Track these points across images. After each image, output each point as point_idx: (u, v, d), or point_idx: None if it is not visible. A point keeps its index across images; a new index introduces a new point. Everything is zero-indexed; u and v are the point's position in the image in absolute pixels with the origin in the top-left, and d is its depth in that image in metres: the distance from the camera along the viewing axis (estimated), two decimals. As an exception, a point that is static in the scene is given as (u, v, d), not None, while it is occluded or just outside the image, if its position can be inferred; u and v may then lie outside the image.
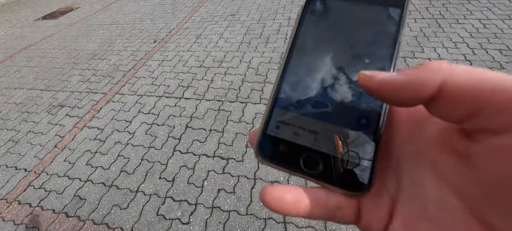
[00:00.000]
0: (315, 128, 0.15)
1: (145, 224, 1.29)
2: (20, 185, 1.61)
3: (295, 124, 0.16)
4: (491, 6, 2.72)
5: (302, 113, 0.16)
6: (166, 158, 1.63)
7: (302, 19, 0.18)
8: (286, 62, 0.17)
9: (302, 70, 0.17)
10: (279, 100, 0.16)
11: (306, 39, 0.17)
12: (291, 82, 0.17)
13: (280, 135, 0.16)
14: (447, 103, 0.11)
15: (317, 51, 0.17)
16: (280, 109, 0.16)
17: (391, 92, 0.12)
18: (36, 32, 4.20)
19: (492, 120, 0.10)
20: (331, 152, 0.15)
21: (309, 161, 0.15)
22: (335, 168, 0.15)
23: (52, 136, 1.95)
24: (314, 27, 0.18)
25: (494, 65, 1.95)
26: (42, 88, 2.60)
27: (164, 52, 2.87)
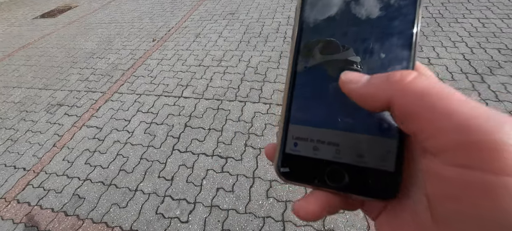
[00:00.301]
0: (335, 139, 0.15)
1: (144, 222, 1.30)
2: (19, 184, 1.61)
3: (314, 138, 0.15)
4: (491, 5, 2.72)
5: (319, 125, 0.15)
6: (165, 157, 1.63)
7: (302, 18, 0.16)
8: (293, 71, 0.16)
9: (312, 78, 0.16)
10: (293, 116, 0.15)
11: (311, 42, 0.16)
12: (303, 93, 0.16)
13: (300, 152, 0.15)
14: (397, 117, 0.13)
15: (326, 54, 0.15)
16: (295, 125, 0.15)
17: (357, 100, 0.14)
18: (35, 30, 4.18)
19: (427, 141, 0.11)
20: (356, 162, 0.14)
21: (334, 174, 0.14)
22: (363, 178, 0.14)
23: (51, 135, 1.95)
24: (317, 25, 0.16)
25: (492, 64, 1.95)
26: (41, 87, 2.59)
27: (163, 51, 2.86)
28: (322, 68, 0.15)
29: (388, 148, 0.14)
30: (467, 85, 1.81)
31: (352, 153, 0.14)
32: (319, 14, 0.16)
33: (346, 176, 0.14)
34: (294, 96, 0.16)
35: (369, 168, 0.14)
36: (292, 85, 0.16)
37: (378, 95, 0.13)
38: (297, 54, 0.16)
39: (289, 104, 0.16)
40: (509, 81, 1.79)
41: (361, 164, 0.14)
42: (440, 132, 0.10)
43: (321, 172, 0.14)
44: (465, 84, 1.82)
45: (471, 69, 1.95)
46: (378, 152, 0.14)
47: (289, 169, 0.15)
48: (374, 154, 0.14)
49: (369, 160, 0.14)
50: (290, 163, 0.15)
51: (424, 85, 0.11)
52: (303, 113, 0.15)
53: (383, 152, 0.14)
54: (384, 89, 0.12)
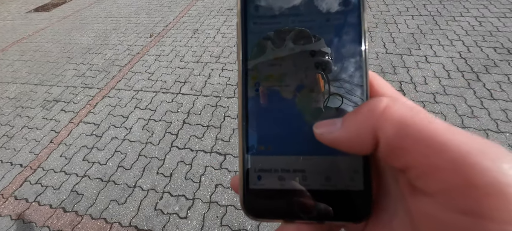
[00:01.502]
0: (300, 165, 0.14)
1: (143, 218, 1.31)
2: (16, 181, 1.61)
3: (277, 168, 0.14)
4: (488, 4, 2.74)
5: (281, 153, 0.14)
6: (164, 153, 1.63)
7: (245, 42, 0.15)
8: (244, 97, 0.14)
9: (266, 104, 0.14)
10: (251, 147, 0.14)
11: (259, 66, 0.14)
12: (258, 122, 0.14)
13: (265, 186, 0.14)
14: (384, 153, 0.11)
15: (277, 78, 0.14)
16: (256, 157, 0.14)
17: (343, 148, 0.12)
18: (28, 25, 4.10)
19: (418, 180, 0.10)
20: (325, 186, 0.13)
21: (304, 203, 0.14)
22: (334, 202, 0.13)
23: (47, 131, 1.94)
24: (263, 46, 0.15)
25: (488, 63, 1.98)
26: (36, 83, 2.56)
27: (160, 46, 2.84)
28: (275, 90, 0.14)
29: (354, 167, 0.13)
30: (463, 84, 1.84)
31: (320, 177, 0.14)
32: (263, 29, 0.15)
33: (317, 203, 0.13)
34: (249, 125, 0.14)
35: (338, 190, 0.13)
36: (245, 113, 0.14)
37: (362, 135, 0.11)
38: (246, 78, 0.15)
39: (246, 135, 0.14)
40: (504, 79, 1.82)
41: (329, 187, 0.13)
42: (435, 170, 0.09)
43: (290, 203, 0.14)
44: (461, 83, 1.85)
45: (467, 68, 1.97)
46: (345, 172, 0.13)
47: (256, 204, 0.14)
48: (341, 174, 0.13)
49: (337, 182, 0.13)
50: (256, 198, 0.14)
51: (401, 112, 0.11)
52: (263, 144, 0.14)
53: (350, 171, 0.13)
54: (364, 126, 0.11)
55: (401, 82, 1.93)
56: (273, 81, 0.14)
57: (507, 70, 1.89)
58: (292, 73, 0.14)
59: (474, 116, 1.59)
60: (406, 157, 0.10)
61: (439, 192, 0.09)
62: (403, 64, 2.10)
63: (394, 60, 2.15)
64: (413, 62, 2.10)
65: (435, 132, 0.10)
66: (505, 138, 1.44)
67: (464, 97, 1.73)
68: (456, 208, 0.09)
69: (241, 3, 0.15)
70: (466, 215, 0.09)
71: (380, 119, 0.11)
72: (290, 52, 0.14)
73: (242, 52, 0.15)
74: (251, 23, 0.15)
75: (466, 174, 0.09)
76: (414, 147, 0.10)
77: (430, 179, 0.10)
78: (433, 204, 0.10)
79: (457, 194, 0.09)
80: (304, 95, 0.14)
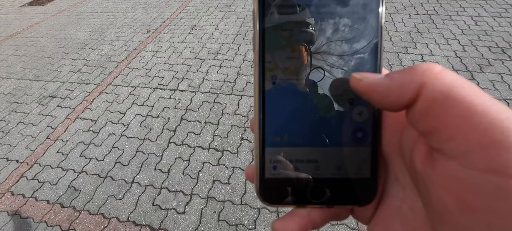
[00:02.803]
0: (313, 156, 0.15)
1: (141, 214, 1.32)
2: (12, 176, 1.60)
3: (292, 159, 0.15)
4: (484, 3, 2.77)
5: (297, 145, 0.15)
6: (161, 149, 1.64)
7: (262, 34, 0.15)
8: (261, 92, 0.15)
9: (282, 97, 0.15)
10: (268, 138, 0.15)
11: (276, 59, 0.15)
12: (275, 114, 0.15)
13: (281, 175, 0.15)
14: (420, 110, 0.11)
15: (293, 70, 0.15)
16: (272, 148, 0.15)
17: (377, 96, 0.13)
18: (23, 19, 4.02)
19: (446, 142, 0.10)
20: (336, 175, 0.15)
21: (316, 190, 0.15)
22: (343, 189, 0.15)
23: (43, 127, 1.92)
24: (279, 39, 0.15)
25: (482, 62, 2.01)
26: (31, 78, 2.53)
27: (158, 42, 2.81)
28: (292, 82, 0.15)
29: (363, 157, 0.14)
30: (457, 82, 1.87)
31: (331, 167, 0.15)
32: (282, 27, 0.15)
33: (328, 190, 0.15)
34: (266, 119, 0.15)
35: (348, 178, 0.15)
36: (262, 107, 0.15)
37: (407, 86, 0.11)
38: (263, 74, 0.15)
39: (263, 127, 0.15)
40: (497, 78, 1.85)
41: (340, 175, 0.15)
42: (471, 130, 0.09)
43: (303, 190, 0.15)
44: (456, 81, 1.88)
45: (462, 67, 2.00)
46: (354, 161, 0.14)
47: (272, 192, 0.15)
48: (351, 164, 0.14)
49: (347, 170, 0.15)
50: (271, 187, 0.15)
51: (453, 78, 0.11)
52: (279, 135, 0.15)
53: (359, 160, 0.14)
54: (413, 79, 0.11)
55: (397, 80, 1.95)
56: (289, 74, 0.15)
57: (500, 69, 1.93)
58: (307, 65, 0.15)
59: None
60: (443, 116, 0.10)
61: (468, 152, 0.10)
62: (399, 63, 2.12)
63: (391, 59, 2.17)
64: (409, 61, 2.13)
65: (479, 99, 0.10)
66: (496, 135, 1.48)
67: (458, 95, 1.76)
68: (484, 166, 0.09)
69: None
70: (490, 173, 0.09)
71: (434, 77, 0.11)
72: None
73: (259, 43, 0.15)
74: (269, 13, 0.15)
75: (493, 135, 0.09)
76: (456, 107, 0.10)
77: (463, 139, 0.10)
78: (459, 166, 0.10)
79: (487, 153, 0.09)
80: (319, 88, 0.15)
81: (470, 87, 0.10)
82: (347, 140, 0.14)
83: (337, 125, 0.15)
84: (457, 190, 0.10)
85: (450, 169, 0.10)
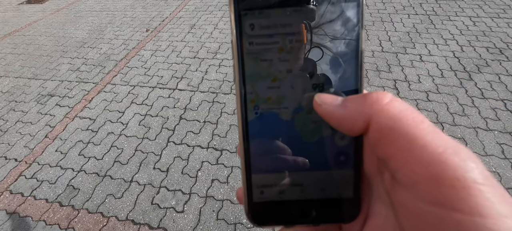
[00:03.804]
0: (298, 180, 0.15)
1: (140, 212, 1.32)
2: (11, 175, 1.60)
3: (278, 183, 0.15)
4: (482, 4, 2.78)
5: (282, 170, 0.15)
6: (160, 148, 1.64)
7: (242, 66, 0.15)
8: (245, 122, 0.15)
9: (265, 126, 0.15)
10: (253, 166, 0.16)
11: (258, 89, 0.15)
12: (259, 141, 0.15)
13: (268, 199, 0.16)
14: (371, 139, 0.12)
15: (275, 100, 0.15)
16: (258, 175, 0.16)
17: (334, 122, 0.14)
18: (21, 17, 4.00)
19: (397, 171, 0.11)
20: (320, 196, 0.15)
21: (302, 211, 0.15)
22: (328, 208, 0.15)
23: (42, 126, 1.92)
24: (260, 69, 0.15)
25: (480, 62, 2.02)
26: (30, 77, 2.52)
27: (157, 41, 2.81)
28: (274, 112, 0.15)
29: (346, 178, 0.15)
30: (455, 83, 1.88)
31: (315, 189, 0.15)
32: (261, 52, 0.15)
33: (314, 210, 0.15)
34: (251, 146, 0.15)
35: (332, 198, 0.15)
36: (246, 135, 0.15)
37: (357, 117, 0.12)
38: (245, 104, 0.15)
39: (247, 155, 0.16)
40: (495, 79, 1.86)
41: (324, 196, 0.15)
42: (412, 163, 0.10)
43: (289, 212, 0.15)
44: (454, 82, 1.89)
45: (460, 67, 2.01)
46: (338, 183, 0.15)
47: (260, 214, 0.16)
48: (335, 185, 0.15)
49: (331, 192, 0.15)
50: (259, 209, 0.16)
51: (400, 109, 0.12)
52: (263, 162, 0.15)
53: (342, 182, 0.15)
54: (363, 110, 0.12)
55: (395, 80, 1.96)
56: (271, 104, 0.15)
57: (498, 70, 1.94)
58: (290, 95, 0.15)
59: (465, 114, 1.64)
60: (391, 147, 0.11)
61: (414, 184, 0.10)
62: (398, 63, 2.13)
63: (389, 59, 2.18)
64: (408, 61, 2.13)
65: (421, 131, 0.11)
66: (493, 135, 1.49)
67: (456, 96, 1.77)
68: (427, 199, 0.10)
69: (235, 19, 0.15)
70: (436, 206, 0.10)
71: (380, 110, 0.12)
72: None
73: (240, 74, 0.15)
74: (247, 42, 0.15)
75: (438, 169, 0.10)
76: (401, 140, 0.11)
77: (408, 171, 0.11)
78: (409, 195, 0.11)
79: (429, 186, 0.10)
80: (302, 116, 0.15)
81: (413, 120, 0.11)
82: (330, 164, 0.15)
83: (320, 150, 0.15)
84: (410, 219, 0.11)
85: (403, 198, 0.11)
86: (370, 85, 1.94)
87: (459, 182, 0.09)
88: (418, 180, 0.10)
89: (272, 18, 0.15)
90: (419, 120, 0.11)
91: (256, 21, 0.15)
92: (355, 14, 0.14)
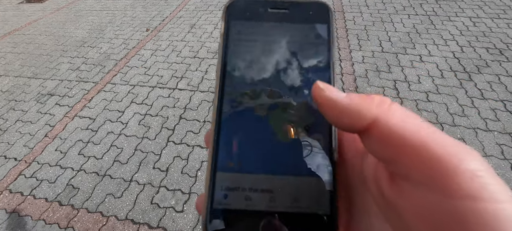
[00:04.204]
0: (268, 185, 0.14)
1: (139, 212, 1.32)
2: (10, 174, 1.60)
3: (245, 187, 0.14)
4: (482, 4, 2.78)
5: (250, 171, 0.14)
6: (160, 148, 1.64)
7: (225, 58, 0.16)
8: (219, 113, 0.15)
9: (240, 120, 0.15)
10: (221, 162, 0.14)
11: (235, 82, 0.15)
12: (230, 137, 0.14)
13: (231, 206, 0.13)
14: (376, 140, 0.12)
15: (252, 96, 0.15)
16: (224, 173, 0.14)
17: (334, 112, 0.13)
18: (21, 16, 4.00)
19: (409, 171, 0.11)
20: (292, 209, 0.13)
21: (270, 226, 0.13)
22: (299, 225, 0.13)
23: (42, 125, 1.92)
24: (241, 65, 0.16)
25: (480, 63, 2.02)
26: (30, 76, 2.52)
27: (157, 41, 2.81)
28: (251, 108, 0.15)
29: (321, 190, 0.13)
30: (455, 83, 1.88)
31: (287, 199, 0.13)
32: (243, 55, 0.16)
33: (282, 225, 0.13)
34: (221, 140, 0.14)
35: (304, 213, 0.13)
36: (218, 128, 0.14)
37: (363, 113, 0.12)
38: (222, 94, 0.15)
39: (216, 149, 0.14)
40: (495, 80, 1.86)
41: (296, 210, 0.13)
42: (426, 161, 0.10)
43: (255, 225, 0.13)
44: (453, 82, 1.89)
45: (460, 67, 2.01)
46: (312, 194, 0.13)
47: (220, 226, 0.13)
48: (309, 197, 0.13)
49: (304, 204, 0.13)
50: (221, 219, 0.13)
51: (403, 113, 0.12)
52: (232, 159, 0.14)
53: (317, 194, 0.13)
54: (369, 108, 0.12)
55: (395, 80, 1.96)
56: (247, 98, 0.15)
57: (498, 70, 1.94)
58: (266, 92, 0.15)
59: (464, 114, 1.64)
60: (400, 148, 0.11)
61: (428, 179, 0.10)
62: (398, 63, 2.13)
63: (389, 59, 2.18)
64: (408, 61, 2.14)
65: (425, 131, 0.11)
66: (493, 136, 1.49)
67: (455, 96, 1.77)
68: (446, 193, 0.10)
69: None
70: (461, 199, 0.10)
71: (387, 111, 0.12)
72: None
73: (221, 66, 0.16)
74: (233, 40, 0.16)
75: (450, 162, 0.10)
76: (409, 140, 0.11)
77: (420, 168, 0.11)
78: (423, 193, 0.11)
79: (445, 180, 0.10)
80: (277, 114, 0.15)
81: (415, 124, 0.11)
82: (305, 170, 0.14)
83: (294, 152, 0.14)
84: (431, 218, 0.10)
85: (414, 197, 0.11)
86: (370, 86, 1.94)
87: (471, 172, 0.10)
88: (432, 175, 0.10)
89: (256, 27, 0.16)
90: (421, 122, 0.12)
91: (242, 27, 0.16)
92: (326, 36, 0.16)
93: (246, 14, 0.16)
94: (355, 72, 2.08)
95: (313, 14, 0.16)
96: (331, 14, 0.16)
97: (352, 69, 2.11)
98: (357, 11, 2.95)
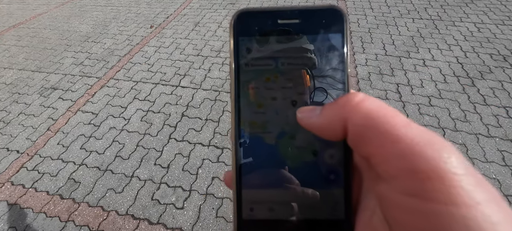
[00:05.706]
0: (289, 198, 0.15)
1: (140, 207, 1.33)
2: (13, 166, 1.61)
3: (268, 200, 0.15)
4: (487, 10, 2.77)
5: (272, 187, 0.15)
6: (162, 145, 1.65)
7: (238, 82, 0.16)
8: (238, 135, 0.16)
9: (258, 141, 0.16)
10: (245, 181, 0.16)
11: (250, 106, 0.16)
12: (251, 156, 0.16)
13: (257, 216, 0.15)
14: (351, 140, 0.13)
15: (266, 114, 0.16)
16: (248, 190, 0.16)
17: (316, 132, 0.14)
18: (25, 10, 4.01)
19: (377, 166, 0.11)
20: (310, 216, 0.15)
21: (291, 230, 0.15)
22: (318, 228, 0.15)
23: (44, 119, 1.93)
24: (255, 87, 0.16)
25: (483, 69, 2.01)
26: (33, 70, 2.53)
27: (161, 38, 2.82)
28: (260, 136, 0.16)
29: (336, 199, 0.15)
30: (458, 88, 1.87)
31: (306, 209, 0.15)
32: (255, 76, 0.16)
33: (303, 229, 0.15)
34: (243, 160, 0.16)
35: (323, 219, 0.15)
36: (238, 149, 0.16)
37: (334, 122, 0.13)
38: (239, 117, 0.16)
39: (239, 169, 0.16)
40: (498, 86, 1.86)
41: (315, 217, 0.15)
42: (389, 158, 0.11)
43: (279, 230, 0.15)
44: (456, 87, 1.88)
45: (463, 73, 2.01)
46: (328, 203, 0.15)
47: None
48: (325, 206, 0.15)
49: (322, 212, 0.15)
50: (248, 228, 0.16)
51: (370, 107, 0.12)
52: (255, 177, 0.16)
53: (333, 203, 0.15)
54: (338, 114, 0.13)
55: (398, 84, 1.96)
56: (257, 128, 0.16)
57: (501, 77, 1.93)
58: (277, 121, 0.16)
59: (467, 120, 1.63)
60: (369, 145, 0.11)
61: (392, 177, 0.11)
62: (401, 67, 2.13)
63: (392, 62, 2.18)
64: (411, 65, 2.13)
65: (394, 125, 0.11)
66: (495, 142, 1.49)
67: (458, 101, 1.77)
68: (405, 191, 0.10)
69: None
70: (413, 197, 0.10)
71: (351, 111, 0.12)
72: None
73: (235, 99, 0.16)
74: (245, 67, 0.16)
75: (413, 161, 0.10)
76: (376, 137, 0.11)
77: (386, 165, 0.11)
78: (389, 189, 0.11)
79: (406, 178, 0.10)
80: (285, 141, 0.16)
81: (385, 116, 0.11)
82: (321, 183, 0.15)
83: (311, 170, 0.15)
84: (392, 212, 0.11)
85: (384, 191, 0.11)
86: (372, 88, 1.94)
87: (434, 173, 0.10)
88: (396, 174, 0.10)
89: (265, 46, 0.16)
90: (391, 114, 0.11)
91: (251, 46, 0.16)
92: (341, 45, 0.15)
93: (254, 28, 0.16)
94: (358, 74, 2.08)
95: (326, 23, 0.15)
96: (346, 21, 0.15)
97: (355, 71, 2.11)
98: (362, 14, 2.94)
